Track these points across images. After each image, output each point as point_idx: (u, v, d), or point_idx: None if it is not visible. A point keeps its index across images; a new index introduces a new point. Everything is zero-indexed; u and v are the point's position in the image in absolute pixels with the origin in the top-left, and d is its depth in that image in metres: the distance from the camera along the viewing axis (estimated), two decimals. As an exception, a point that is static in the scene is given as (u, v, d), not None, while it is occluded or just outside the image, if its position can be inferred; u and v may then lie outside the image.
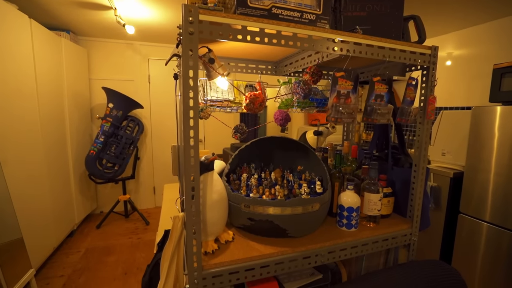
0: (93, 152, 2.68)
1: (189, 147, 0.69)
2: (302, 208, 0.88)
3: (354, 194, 0.99)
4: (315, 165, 1.14)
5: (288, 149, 1.22)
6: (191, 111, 0.68)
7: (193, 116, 0.68)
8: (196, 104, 0.68)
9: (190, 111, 0.68)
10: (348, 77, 0.83)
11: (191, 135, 0.69)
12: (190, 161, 0.69)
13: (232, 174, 1.11)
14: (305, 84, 0.83)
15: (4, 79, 1.72)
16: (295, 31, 0.75)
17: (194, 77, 0.67)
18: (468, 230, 1.85)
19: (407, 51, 0.91)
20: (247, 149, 1.15)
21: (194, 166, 0.70)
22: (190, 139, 0.69)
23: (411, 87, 0.95)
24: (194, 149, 0.69)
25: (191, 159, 0.69)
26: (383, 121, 0.90)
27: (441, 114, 2.12)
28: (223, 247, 0.86)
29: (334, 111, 0.81)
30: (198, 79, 0.68)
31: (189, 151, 0.69)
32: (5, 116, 1.72)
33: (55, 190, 2.32)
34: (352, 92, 0.85)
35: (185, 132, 0.68)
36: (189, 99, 0.67)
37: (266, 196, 0.91)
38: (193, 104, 0.68)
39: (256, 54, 1.10)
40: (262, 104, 0.81)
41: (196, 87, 0.68)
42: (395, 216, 1.16)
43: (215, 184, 0.83)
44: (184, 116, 0.68)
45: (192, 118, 0.68)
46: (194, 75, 0.67)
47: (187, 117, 0.68)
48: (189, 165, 0.69)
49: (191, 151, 0.69)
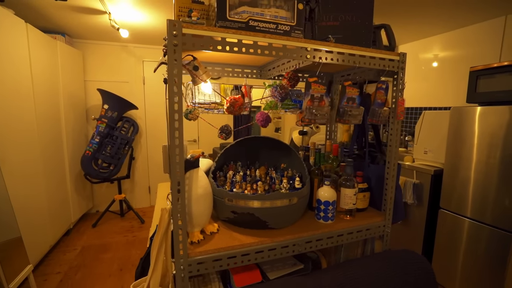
0: (88, 153, 2.74)
1: (174, 147, 0.77)
2: (281, 202, 0.96)
3: (330, 189, 1.07)
4: (297, 163, 1.22)
5: (273, 148, 1.31)
6: (176, 114, 0.76)
7: (178, 118, 0.76)
8: (180, 108, 0.76)
9: (175, 114, 0.76)
10: (321, 82, 0.92)
11: (176, 136, 0.77)
12: (175, 159, 0.77)
13: (218, 171, 1.19)
14: (281, 88, 0.91)
15: (2, 81, 1.78)
16: (271, 41, 0.83)
17: (179, 84, 0.75)
18: (449, 226, 1.94)
19: (377, 57, 1.00)
20: (233, 148, 1.23)
21: (179, 164, 0.78)
22: (175, 139, 0.77)
23: (381, 90, 1.04)
24: (179, 148, 0.77)
25: (176, 157, 0.77)
26: (354, 122, 0.99)
27: (423, 114, 2.22)
28: (208, 238, 0.94)
29: (308, 113, 0.90)
30: (182, 85, 0.76)
31: (174, 150, 0.77)
32: (3, 116, 1.78)
33: (51, 190, 2.38)
34: (326, 96, 0.94)
35: (171, 133, 0.76)
36: (174, 104, 0.75)
37: (248, 191, 0.99)
38: (178, 108, 0.76)
39: (241, 59, 1.18)
40: (241, 107, 0.89)
41: (180, 92, 0.76)
42: (371, 209, 1.25)
43: (200, 180, 0.91)
44: (170, 119, 0.76)
45: (177, 120, 0.76)
46: (178, 82, 0.75)
47: (173, 120, 0.76)
48: (175, 163, 0.77)
49: (176, 150, 0.77)
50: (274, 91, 0.93)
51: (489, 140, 1.70)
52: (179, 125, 0.77)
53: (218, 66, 1.28)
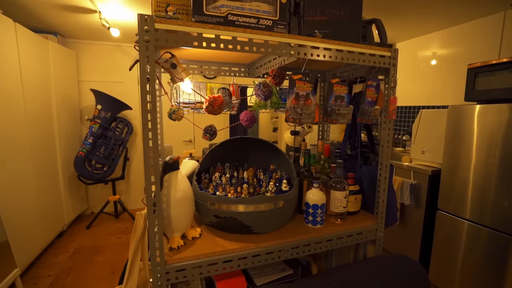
0: (81, 153, 2.71)
1: (148, 149, 0.72)
2: (265, 205, 0.91)
3: (319, 192, 1.03)
4: (285, 164, 1.18)
5: (262, 149, 1.26)
6: (149, 115, 0.72)
7: (151, 119, 0.72)
8: (153, 108, 0.72)
9: (148, 114, 0.71)
10: (307, 79, 0.87)
11: (150, 137, 0.72)
12: (150, 161, 0.73)
13: (204, 173, 1.14)
14: (265, 87, 0.87)
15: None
16: (251, 36, 0.78)
17: (151, 82, 0.71)
18: (447, 227, 1.89)
19: (366, 53, 0.95)
20: (221, 150, 1.19)
21: (154, 166, 0.74)
22: (149, 140, 0.72)
23: (372, 88, 0.99)
24: (153, 150, 0.73)
25: (150, 160, 0.73)
26: (343, 121, 0.94)
27: (421, 113, 2.17)
28: (189, 243, 0.90)
29: (293, 112, 0.85)
30: (155, 84, 0.71)
31: (148, 152, 0.72)
32: (-11, 118, 1.74)
33: (43, 192, 2.35)
34: (312, 94, 0.89)
35: (144, 134, 0.72)
36: (147, 103, 0.71)
37: (231, 194, 0.94)
38: (151, 107, 0.72)
39: (228, 57, 1.14)
40: (221, 107, 0.84)
41: (154, 91, 0.72)
42: (363, 213, 1.20)
43: (180, 183, 0.87)
44: (143, 119, 0.71)
45: (150, 121, 0.72)
46: (151, 80, 0.71)
47: (146, 120, 0.71)
48: (149, 165, 0.73)
49: (150, 152, 0.73)
50: (257, 89, 0.89)
51: (488, 139, 1.65)
52: (153, 126, 0.72)
53: (204, 64, 1.23)
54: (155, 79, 0.71)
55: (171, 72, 0.82)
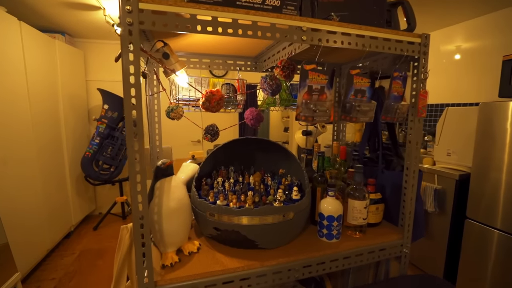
0: (88, 154, 2.67)
1: (133, 152, 0.61)
2: (273, 218, 0.79)
3: (334, 201, 0.89)
4: (296, 169, 1.05)
5: (270, 151, 1.14)
6: (133, 112, 0.61)
7: (137, 117, 0.61)
8: (139, 104, 0.61)
9: (132, 111, 0.60)
10: (322, 70, 0.74)
11: (135, 138, 0.61)
12: (135, 167, 0.62)
13: (205, 178, 1.03)
14: (272, 79, 0.74)
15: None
16: (255, 19, 0.66)
17: (136, 74, 0.60)
18: (476, 237, 1.70)
19: (392, 39, 0.81)
20: (224, 151, 1.07)
21: (141, 172, 0.63)
22: (134, 142, 0.61)
23: (398, 80, 0.84)
24: (139, 153, 0.62)
25: (135, 165, 0.62)
26: (364, 120, 0.80)
27: (446, 112, 1.98)
28: (185, 259, 0.78)
29: (305, 109, 0.72)
30: (140, 75, 0.60)
31: (133, 156, 0.61)
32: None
33: (49, 192, 2.31)
34: (328, 87, 0.76)
35: (128, 135, 0.61)
36: (131, 98, 0.60)
37: (234, 204, 0.82)
38: (136, 103, 0.61)
39: (229, 48, 1.02)
40: (219, 103, 0.72)
41: (139, 84, 0.61)
42: (386, 224, 1.05)
43: (174, 191, 0.75)
44: (127, 118, 0.60)
45: (135, 119, 0.61)
46: (135, 71, 0.59)
47: (130, 119, 0.60)
48: (134, 171, 0.62)
49: (136, 155, 0.62)
50: (263, 82, 0.76)
51: (527, 141, 1.45)
52: (138, 125, 0.61)
53: (206, 57, 1.12)
54: (139, 70, 0.60)
55: (163, 63, 0.71)
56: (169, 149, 1.39)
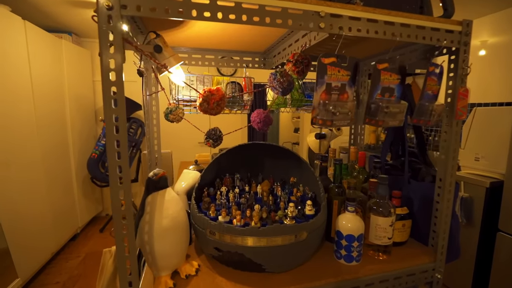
0: (94, 155, 2.63)
1: (115, 163, 0.51)
2: (283, 239, 0.67)
3: (355, 218, 0.77)
4: (309, 177, 0.92)
5: (280, 157, 1.02)
6: (113, 115, 0.50)
7: (120, 122, 0.51)
8: (121, 106, 0.51)
9: (113, 115, 0.50)
10: (343, 64, 0.62)
11: (117, 147, 0.51)
12: (116, 181, 0.52)
13: (208, 188, 0.92)
14: (282, 76, 0.63)
15: (-5, 82, 1.67)
16: (263, 2, 0.54)
17: (117, 69, 0.49)
18: (510, 252, 1.52)
19: (427, 27, 0.67)
20: (228, 158, 0.96)
21: (124, 187, 0.52)
22: (115, 152, 0.51)
23: (433, 76, 0.71)
24: (123, 165, 0.52)
25: (117, 179, 0.52)
26: (392, 123, 0.67)
27: (474, 112, 1.80)
28: (181, 284, 0.68)
29: (322, 111, 0.60)
30: (122, 70, 0.50)
31: (116, 168, 0.51)
32: None
33: (55, 195, 2.27)
34: (349, 85, 0.64)
35: (109, 143, 0.51)
36: (111, 100, 0.50)
37: (238, 221, 0.71)
38: (119, 105, 0.50)
39: (234, 42, 0.91)
40: (220, 104, 0.61)
41: (121, 82, 0.50)
42: (413, 243, 0.91)
43: (167, 207, 0.65)
44: (107, 122, 0.50)
45: (117, 124, 0.50)
46: (117, 67, 0.49)
47: (111, 123, 0.50)
48: (116, 186, 0.52)
49: (116, 169, 0.51)
50: (272, 79, 0.64)
51: None
52: (121, 131, 0.51)
53: (209, 53, 1.01)
54: (122, 63, 0.49)
55: (155, 58, 0.61)
56: (169, 155, 1.29)
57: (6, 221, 1.64)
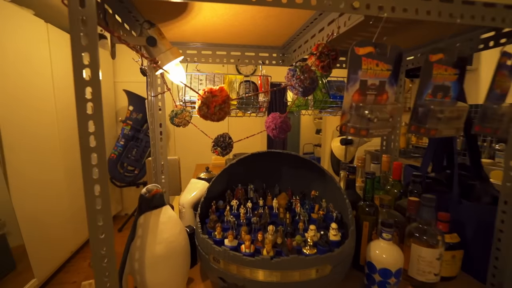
0: (113, 156, 2.64)
1: (91, 181, 0.41)
2: (301, 274, 0.54)
3: (392, 248, 0.62)
4: (334, 192, 0.78)
5: (299, 166, 0.89)
6: (90, 122, 0.40)
7: (96, 130, 0.41)
8: (98, 109, 0.41)
9: (89, 121, 0.40)
10: (382, 56, 0.47)
11: (94, 162, 0.41)
12: (95, 203, 0.42)
13: (216, 201, 0.82)
14: (304, 72, 0.50)
15: (20, 84, 1.70)
16: (278, -25, 0.42)
17: (93, 66, 0.39)
18: None
19: (498, 4, 0.51)
20: (242, 166, 0.85)
21: (103, 209, 0.42)
22: (92, 168, 0.41)
23: (505, 70, 0.54)
24: (101, 184, 0.42)
25: (93, 189, 0.42)
26: (448, 133, 0.52)
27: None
28: (179, 321, 0.57)
29: (355, 117, 0.47)
30: (98, 67, 0.40)
31: (92, 186, 0.41)
32: (21, 120, 1.69)
33: (74, 194, 2.30)
34: (390, 83, 0.49)
35: (83, 154, 0.41)
36: (85, 104, 0.40)
37: (246, 247, 0.59)
38: (94, 110, 0.40)
39: (248, 35, 0.79)
40: (224, 107, 0.49)
41: (98, 81, 0.40)
42: (465, 279, 0.74)
43: (162, 230, 0.54)
44: (80, 132, 0.40)
45: (93, 134, 0.41)
46: (92, 62, 0.39)
47: (85, 133, 0.40)
48: (93, 208, 0.42)
49: (94, 186, 0.41)
50: (290, 77, 0.52)
51: None
52: (98, 141, 0.41)
53: (221, 49, 0.90)
54: (98, 60, 0.39)
55: (149, 53, 0.50)
56: (176, 161, 1.21)
57: (24, 221, 1.65)
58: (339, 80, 1.03)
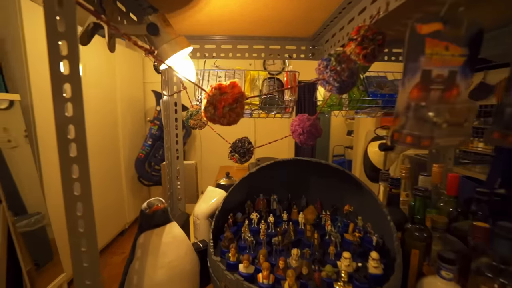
0: (141, 155, 2.70)
1: (73, 203, 0.34)
2: (332, 321, 0.43)
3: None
4: (373, 209, 0.65)
5: (330, 176, 0.76)
6: (70, 126, 0.33)
7: (76, 137, 0.33)
8: (79, 111, 0.33)
9: (66, 128, 0.33)
10: (455, 35, 0.34)
11: (74, 176, 0.34)
12: (77, 226, 0.34)
13: (235, 212, 0.72)
14: (339, 62, 0.37)
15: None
16: None
17: (72, 56, 0.32)
18: None
19: None
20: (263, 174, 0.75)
21: (87, 235, 0.35)
22: (73, 183, 0.34)
23: None
24: (84, 204, 0.34)
25: (77, 224, 0.34)
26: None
27: None
28: None
29: (413, 121, 0.34)
30: (78, 58, 0.32)
31: (73, 205, 0.34)
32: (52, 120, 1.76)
33: (104, 191, 2.38)
34: (463, 73, 0.36)
35: (62, 164, 0.33)
36: (64, 104, 0.32)
37: (264, 277, 0.49)
38: (75, 111, 0.33)
39: (271, 24, 0.68)
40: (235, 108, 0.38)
41: (78, 77, 0.32)
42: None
43: (164, 252, 0.46)
44: (58, 137, 0.33)
45: (73, 141, 0.33)
46: (71, 53, 0.31)
47: (64, 139, 0.33)
48: (76, 235, 0.34)
49: (76, 204, 0.34)
50: (323, 68, 0.40)
51: None
52: (80, 152, 0.33)
53: (243, 42, 0.81)
54: (77, 47, 0.31)
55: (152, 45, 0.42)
56: (193, 166, 1.14)
57: (55, 217, 1.72)
58: (380, 76, 0.88)
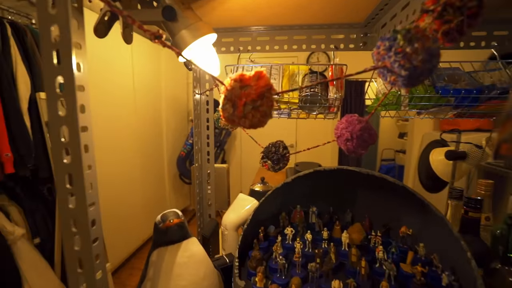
0: (183, 153, 2.78)
1: (68, 213, 0.29)
2: None
3: None
4: (441, 236, 0.50)
5: (382, 189, 0.63)
6: (63, 128, 0.28)
7: (70, 140, 0.28)
8: (71, 109, 0.27)
9: (60, 130, 0.28)
10: None
11: (67, 185, 0.28)
12: (72, 245, 0.29)
13: (267, 225, 0.64)
14: (409, 41, 0.25)
15: (107, 86, 1.91)
16: None
17: (64, 43, 0.26)
18: None
19: None
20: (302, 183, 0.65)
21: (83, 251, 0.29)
22: (68, 196, 0.29)
23: None
24: (80, 213, 0.29)
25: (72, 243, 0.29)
26: None
27: None
28: None
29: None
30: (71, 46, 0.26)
31: (68, 219, 0.29)
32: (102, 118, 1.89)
33: (147, 186, 2.51)
34: None
35: (58, 173, 0.29)
36: (57, 101, 0.27)
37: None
38: (67, 110, 0.27)
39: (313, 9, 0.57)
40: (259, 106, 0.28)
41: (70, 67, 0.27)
42: None
43: (179, 274, 0.40)
44: (52, 134, 0.28)
45: (66, 144, 0.28)
46: (63, 39, 0.26)
47: (58, 144, 0.28)
48: (72, 252, 0.29)
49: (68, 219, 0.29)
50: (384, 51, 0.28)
51: None
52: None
53: (281, 33, 0.71)
54: (69, 33, 0.26)
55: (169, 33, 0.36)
56: (224, 170, 1.07)
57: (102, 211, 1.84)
58: (452, 68, 0.70)
